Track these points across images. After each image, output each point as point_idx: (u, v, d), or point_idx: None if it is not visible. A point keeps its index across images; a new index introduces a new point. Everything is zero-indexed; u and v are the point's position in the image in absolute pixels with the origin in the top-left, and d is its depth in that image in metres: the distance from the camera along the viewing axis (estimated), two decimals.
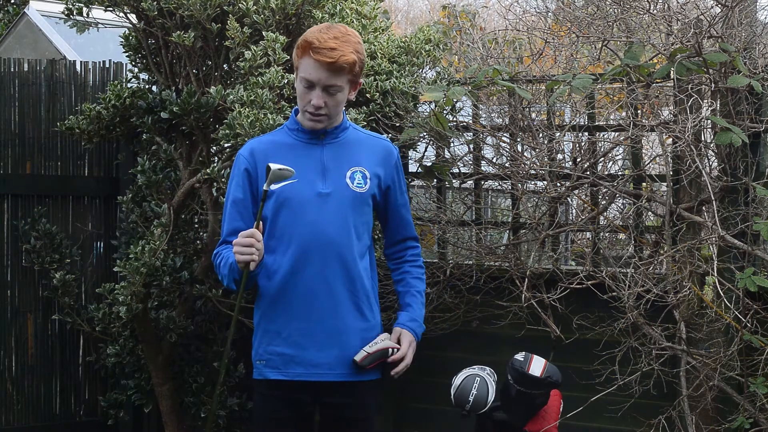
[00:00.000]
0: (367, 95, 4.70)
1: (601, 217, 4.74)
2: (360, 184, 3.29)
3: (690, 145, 4.00)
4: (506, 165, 4.83)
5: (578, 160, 4.70)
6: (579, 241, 4.99)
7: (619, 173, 4.79)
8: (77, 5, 5.08)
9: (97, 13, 5.14)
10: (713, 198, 3.93)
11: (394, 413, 5.22)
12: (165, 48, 4.87)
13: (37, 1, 7.05)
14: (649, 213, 4.68)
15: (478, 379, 3.99)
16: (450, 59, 6.18)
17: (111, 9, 4.97)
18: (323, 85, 3.18)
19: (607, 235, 4.77)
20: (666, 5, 4.34)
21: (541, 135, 4.74)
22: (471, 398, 3.97)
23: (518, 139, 4.79)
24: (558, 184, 4.60)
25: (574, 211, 5.02)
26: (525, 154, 4.80)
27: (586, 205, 4.83)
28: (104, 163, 5.56)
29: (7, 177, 5.30)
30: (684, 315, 4.13)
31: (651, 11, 4.30)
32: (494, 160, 4.95)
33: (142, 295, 4.71)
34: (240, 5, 4.51)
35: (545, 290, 4.48)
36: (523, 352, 4.00)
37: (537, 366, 3.95)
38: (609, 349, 4.24)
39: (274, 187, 3.18)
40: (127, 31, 5.07)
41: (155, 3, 4.64)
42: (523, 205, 4.93)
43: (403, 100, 4.76)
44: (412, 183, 5.28)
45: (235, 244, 3.12)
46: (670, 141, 4.32)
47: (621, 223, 4.65)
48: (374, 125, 4.70)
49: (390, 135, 4.86)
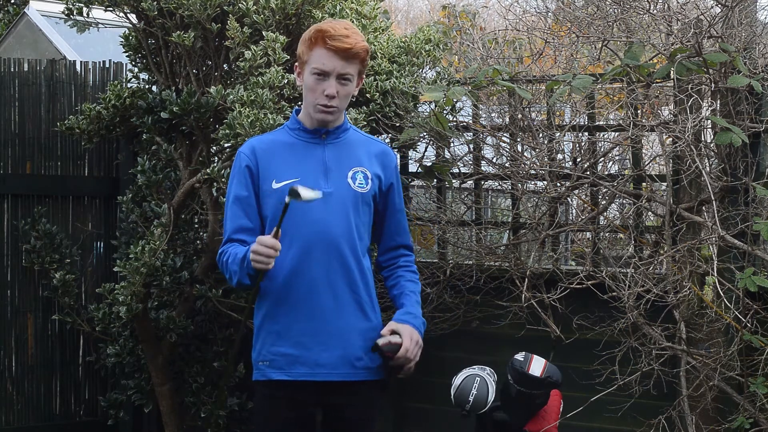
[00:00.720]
0: (367, 95, 4.70)
1: (601, 217, 4.74)
2: (362, 184, 3.28)
3: (690, 145, 4.00)
4: (506, 165, 4.83)
5: (578, 160, 4.70)
6: (579, 241, 4.98)
7: (619, 173, 4.79)
8: (77, 5, 5.09)
9: (97, 13, 5.14)
10: (713, 198, 3.93)
11: (394, 413, 5.22)
12: (165, 48, 4.87)
13: (37, 1, 7.05)
14: (649, 213, 4.68)
15: (478, 379, 3.99)
16: (450, 59, 6.18)
17: (111, 9, 4.97)
18: (337, 73, 3.16)
19: (607, 235, 4.76)
20: (666, 5, 4.34)
21: (541, 135, 4.74)
22: (471, 398, 3.97)
23: (518, 139, 4.79)
24: (558, 184, 4.60)
25: (574, 211, 5.02)
26: (525, 154, 4.80)
27: (586, 205, 4.83)
28: (104, 163, 5.56)
29: (7, 177, 5.30)
30: (684, 315, 4.13)
31: (651, 11, 4.30)
32: (494, 160, 4.95)
33: (142, 295, 4.71)
34: (240, 5, 4.51)
35: (545, 290, 4.48)
36: (523, 352, 4.00)
37: (537, 366, 3.95)
38: (609, 349, 4.24)
39: (295, 198, 3.05)
40: (127, 31, 5.07)
41: (155, 3, 4.64)
42: (523, 205, 4.93)
43: (403, 100, 4.76)
44: (412, 183, 5.28)
45: (255, 251, 3.04)
46: (670, 141, 4.32)
47: (621, 223, 4.65)
48: (374, 125, 4.70)
49: (390, 135, 4.87)
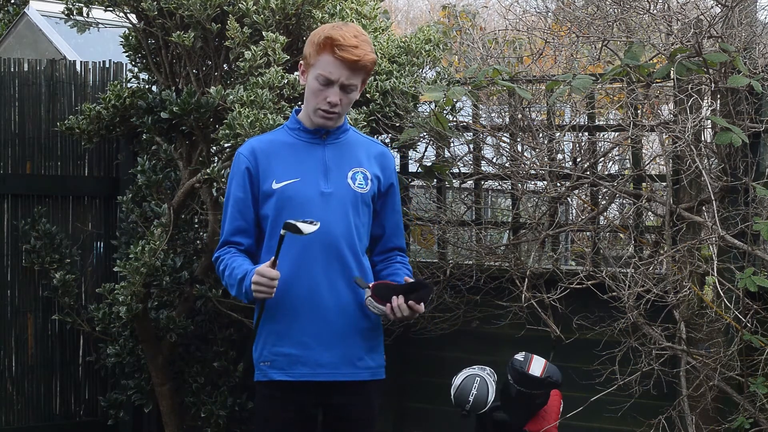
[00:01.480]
0: (367, 95, 4.69)
1: (601, 217, 4.74)
2: (361, 184, 3.29)
3: (690, 145, 4.00)
4: (506, 165, 4.83)
5: (578, 160, 4.69)
6: (579, 241, 4.98)
7: (619, 173, 4.79)
8: (77, 5, 5.09)
9: (97, 13, 5.14)
10: (713, 198, 3.93)
11: (394, 413, 5.22)
12: (165, 48, 4.86)
13: (37, 1, 7.05)
14: (649, 213, 4.68)
15: (478, 379, 3.99)
16: (450, 59, 6.18)
17: (111, 9, 4.97)
18: (342, 83, 3.17)
19: (607, 235, 4.76)
20: (666, 5, 4.34)
21: (541, 135, 4.74)
22: (471, 398, 3.97)
23: (518, 139, 4.79)
24: (558, 184, 4.60)
25: (574, 211, 5.02)
26: (525, 154, 4.79)
27: (586, 205, 4.82)
28: (104, 163, 5.56)
29: (7, 177, 5.30)
30: (684, 315, 4.13)
31: (651, 11, 4.30)
32: (494, 160, 4.95)
33: (142, 295, 4.71)
34: (240, 5, 4.51)
35: (545, 290, 4.47)
36: (523, 352, 4.00)
37: (537, 366, 3.95)
38: (609, 349, 4.24)
39: (291, 232, 3.08)
40: (127, 31, 5.07)
41: (155, 3, 4.64)
42: (523, 205, 4.92)
43: (403, 100, 4.76)
44: (412, 183, 5.28)
45: (256, 282, 3.09)
46: (670, 141, 4.32)
47: (621, 223, 4.64)
48: (374, 125, 4.70)
49: (390, 135, 4.87)
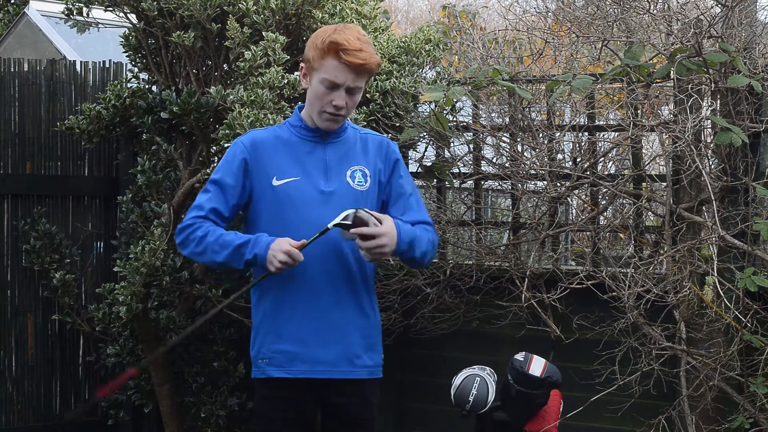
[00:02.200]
0: (367, 95, 4.70)
1: (601, 217, 4.74)
2: (361, 182, 3.29)
3: (690, 145, 4.00)
4: (506, 165, 4.83)
5: (578, 160, 4.70)
6: (579, 241, 4.98)
7: (619, 173, 4.79)
8: (77, 5, 5.09)
9: (97, 13, 5.14)
10: (713, 198, 3.93)
11: (394, 413, 5.22)
12: (165, 48, 4.86)
13: (37, 1, 7.05)
14: (649, 213, 4.68)
15: (478, 379, 3.99)
16: (450, 59, 6.18)
17: (111, 9, 4.98)
18: (348, 86, 3.18)
19: (607, 235, 4.76)
20: (666, 5, 4.34)
21: (541, 135, 4.74)
22: (471, 398, 3.97)
23: (518, 139, 4.79)
24: (558, 184, 4.60)
25: (574, 211, 5.02)
26: (525, 154, 4.79)
27: (586, 205, 4.82)
28: (104, 163, 5.56)
29: (7, 177, 5.30)
30: (684, 315, 4.13)
31: (651, 11, 4.30)
32: (494, 160, 4.95)
33: (142, 295, 4.71)
34: (240, 5, 4.51)
35: (545, 290, 4.48)
36: (523, 352, 4.00)
37: (537, 366, 3.95)
38: (609, 349, 4.24)
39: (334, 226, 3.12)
40: (127, 31, 5.07)
41: (155, 3, 4.64)
42: (523, 205, 4.93)
43: (403, 100, 4.76)
44: None
45: (286, 252, 3.07)
46: (670, 141, 4.32)
47: (621, 223, 4.64)
48: (374, 125, 4.70)
49: (390, 135, 4.86)
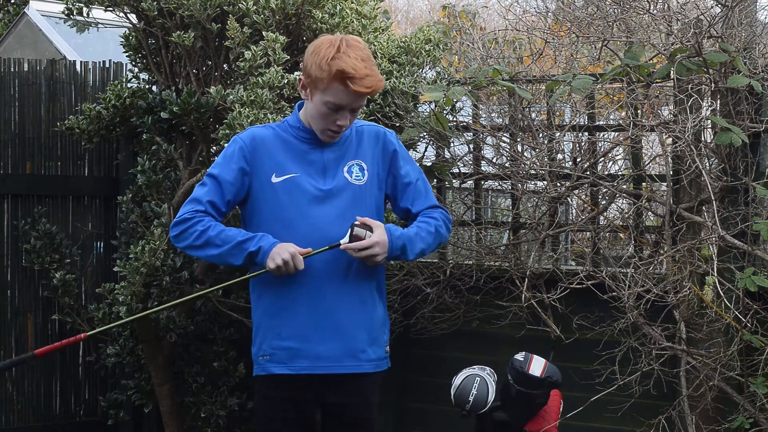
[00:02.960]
0: None
1: (601, 217, 4.74)
2: (358, 176, 3.30)
3: (690, 145, 4.00)
4: (506, 165, 4.83)
5: (578, 160, 4.69)
6: (579, 241, 4.98)
7: (619, 173, 4.79)
8: (77, 5, 5.08)
9: (97, 13, 5.14)
10: (713, 198, 3.93)
11: (394, 413, 5.22)
12: (165, 48, 4.87)
13: (37, 1, 7.05)
14: (649, 213, 4.68)
15: (478, 379, 3.99)
16: (450, 59, 6.17)
17: (111, 9, 4.98)
18: (352, 107, 3.22)
19: (607, 235, 4.76)
20: (666, 5, 4.34)
21: (541, 135, 4.74)
22: (471, 398, 3.97)
23: (518, 139, 4.79)
24: (558, 184, 4.60)
25: (574, 211, 5.01)
26: (525, 154, 4.79)
27: (586, 205, 4.82)
28: (104, 163, 5.56)
29: (7, 177, 5.30)
30: (684, 315, 4.13)
31: (651, 11, 4.30)
32: (494, 160, 4.95)
33: (142, 295, 4.71)
34: (240, 5, 4.51)
35: (545, 290, 4.48)
36: (523, 352, 4.00)
37: (537, 366, 3.95)
38: (609, 349, 4.24)
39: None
40: (127, 31, 5.07)
41: (155, 3, 4.64)
42: (523, 205, 4.92)
43: (403, 100, 4.76)
44: None
45: (280, 255, 3.12)
46: (670, 141, 4.32)
47: (621, 223, 4.64)
48: None
49: None
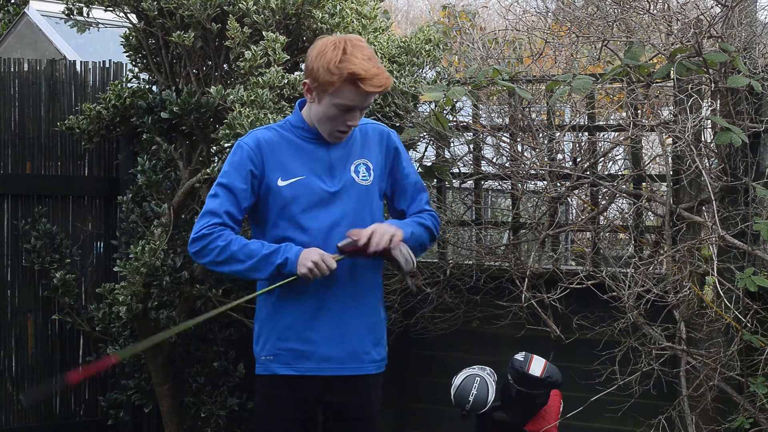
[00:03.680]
0: None
1: (601, 217, 4.74)
2: (365, 176, 3.31)
3: (690, 145, 4.00)
4: (506, 165, 4.83)
5: (578, 160, 4.69)
6: (579, 241, 4.98)
7: (619, 173, 4.79)
8: (77, 5, 5.08)
9: (97, 13, 5.14)
10: (713, 198, 3.93)
11: (395, 413, 5.22)
12: (165, 48, 4.86)
13: (37, 1, 7.05)
14: (649, 213, 4.68)
15: (478, 379, 3.99)
16: (450, 59, 6.17)
17: (111, 9, 4.97)
18: (361, 107, 3.22)
19: (607, 235, 4.76)
20: (666, 5, 4.34)
21: (541, 135, 4.74)
22: (471, 398, 3.97)
23: (518, 139, 4.79)
24: (558, 184, 4.60)
25: (574, 211, 5.01)
26: (525, 154, 4.79)
27: (586, 205, 4.82)
28: (104, 163, 5.56)
29: (7, 177, 5.30)
30: (684, 315, 4.13)
31: (651, 11, 4.30)
32: (494, 160, 4.95)
33: (142, 295, 4.71)
34: (240, 5, 4.51)
35: (545, 290, 4.47)
36: (523, 352, 4.01)
37: (537, 366, 3.95)
38: (609, 349, 4.24)
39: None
40: (127, 31, 5.07)
41: (155, 3, 4.64)
42: (523, 205, 4.92)
43: (403, 100, 4.76)
44: None
45: (316, 263, 3.12)
46: (670, 141, 4.32)
47: (621, 223, 4.64)
48: None
49: None
